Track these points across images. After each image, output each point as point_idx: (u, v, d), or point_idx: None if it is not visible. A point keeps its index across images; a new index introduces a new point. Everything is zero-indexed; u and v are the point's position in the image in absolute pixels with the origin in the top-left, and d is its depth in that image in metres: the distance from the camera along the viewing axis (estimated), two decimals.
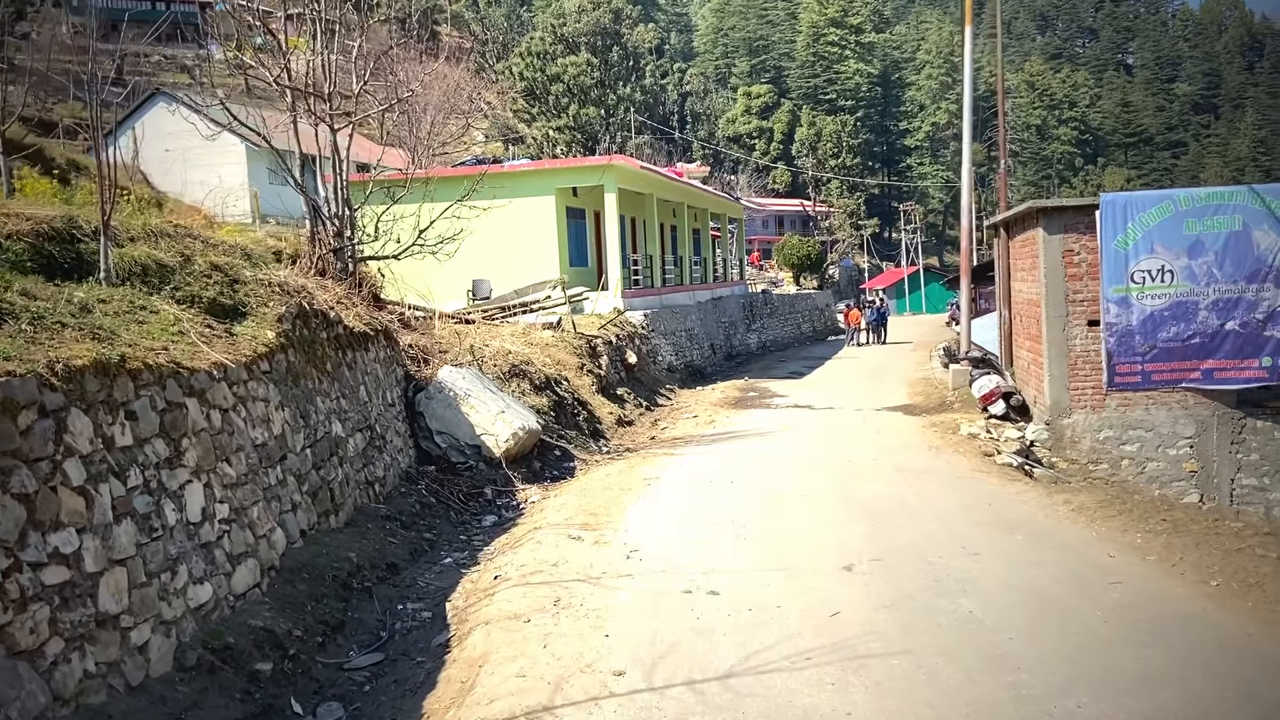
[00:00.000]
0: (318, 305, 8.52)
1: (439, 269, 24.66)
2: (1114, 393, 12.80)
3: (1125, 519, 7.54)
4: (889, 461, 10.80)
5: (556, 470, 12.01)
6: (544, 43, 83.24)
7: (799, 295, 44.20)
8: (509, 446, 11.22)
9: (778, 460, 11.31)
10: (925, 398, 17.76)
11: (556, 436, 13.26)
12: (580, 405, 15.33)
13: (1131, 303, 12.58)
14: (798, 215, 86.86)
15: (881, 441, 12.60)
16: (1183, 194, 12.50)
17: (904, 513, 8.03)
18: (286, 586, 5.79)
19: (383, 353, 10.75)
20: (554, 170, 24.31)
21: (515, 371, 14.08)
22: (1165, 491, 12.71)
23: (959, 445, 12.19)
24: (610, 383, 18.41)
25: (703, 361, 27.68)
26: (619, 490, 9.69)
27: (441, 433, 11.22)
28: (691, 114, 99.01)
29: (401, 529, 7.98)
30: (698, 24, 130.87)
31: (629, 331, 21.90)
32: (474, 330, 16.62)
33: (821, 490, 9.23)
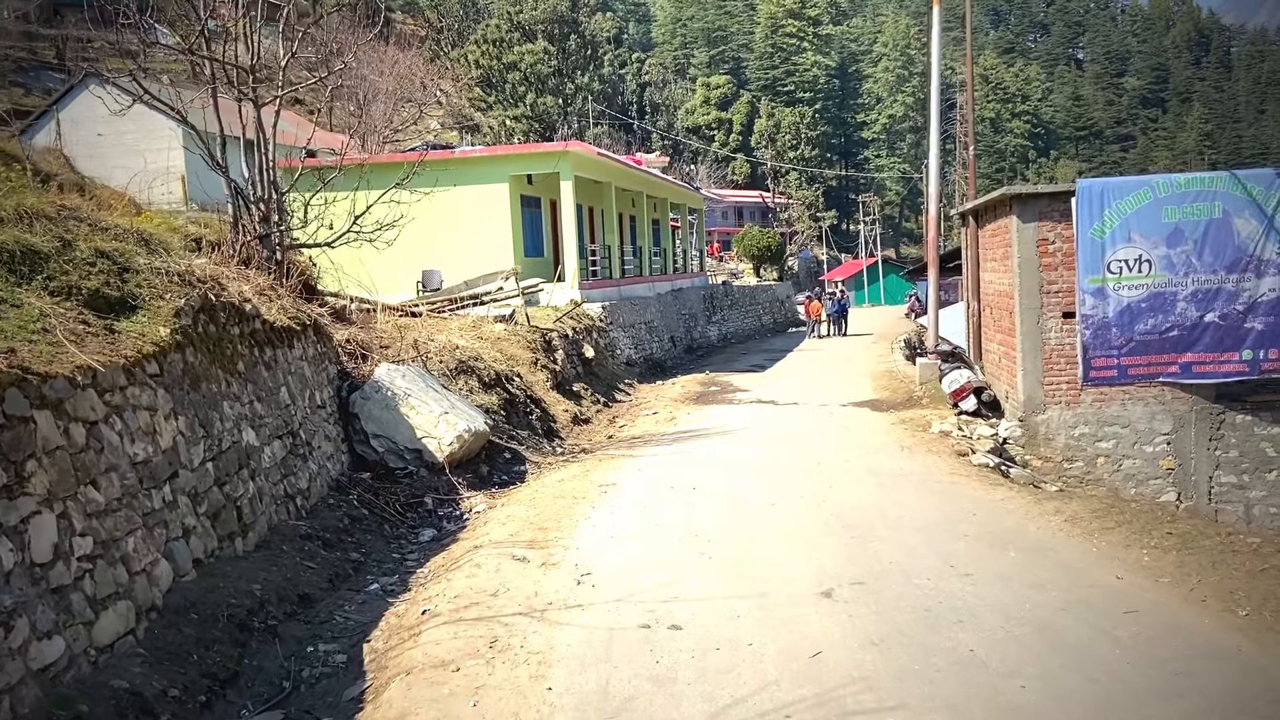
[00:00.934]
0: (228, 297, 7.57)
1: (388, 259, 23.62)
2: (1089, 388, 12.26)
3: (1125, 531, 6.91)
4: (861, 463, 10.12)
5: (506, 475, 11.16)
6: (500, 30, 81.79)
7: (759, 287, 43.65)
8: (453, 450, 10.35)
9: (743, 463, 10.57)
10: (891, 392, 17.16)
11: (507, 438, 12.40)
12: (533, 403, 14.47)
13: (1108, 294, 12.04)
14: (757, 207, 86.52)
15: (851, 440, 11.92)
16: (1161, 180, 11.97)
17: (883, 524, 7.33)
18: (169, 631, 4.88)
19: (312, 349, 9.80)
20: (508, 156, 23.34)
21: (463, 368, 13.17)
22: (1142, 490, 12.22)
23: (932, 444, 11.55)
24: (566, 378, 17.57)
25: (663, 355, 26.93)
26: (572, 499, 8.88)
27: (378, 436, 10.31)
28: (650, 104, 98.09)
29: (323, 549, 7.08)
30: (656, 14, 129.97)
31: (586, 324, 21.06)
32: (420, 324, 15.67)
33: (792, 497, 8.51)
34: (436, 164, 23.42)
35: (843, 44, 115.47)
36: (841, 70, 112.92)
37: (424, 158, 13.01)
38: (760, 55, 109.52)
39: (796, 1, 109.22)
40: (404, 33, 73.11)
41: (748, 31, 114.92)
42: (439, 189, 23.26)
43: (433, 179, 23.39)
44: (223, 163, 10.59)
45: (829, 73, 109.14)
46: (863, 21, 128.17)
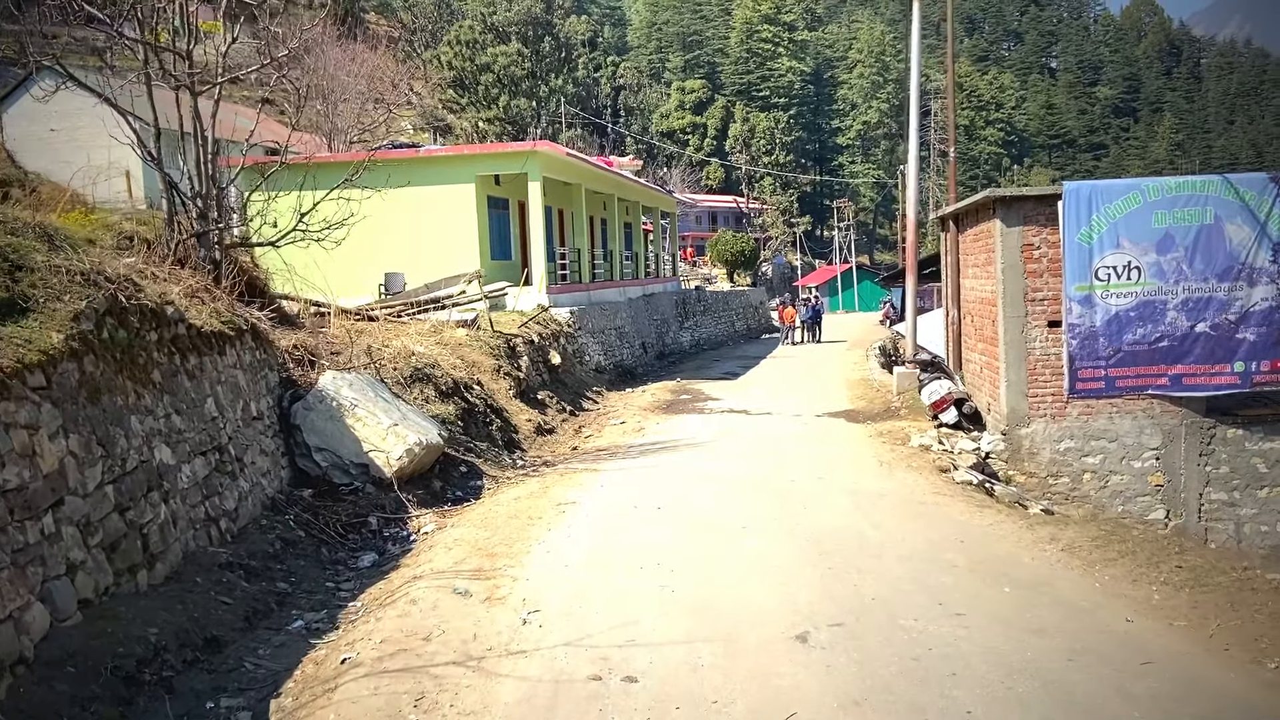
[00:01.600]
0: (145, 299, 6.82)
1: (350, 262, 22.80)
2: (1076, 400, 11.76)
3: (1130, 564, 6.34)
4: (837, 481, 9.52)
5: (461, 490, 10.45)
6: (473, 31, 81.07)
7: (733, 292, 43.16)
8: (402, 465, 9.63)
9: (712, 479, 9.94)
10: (868, 402, 16.62)
11: (463, 450, 11.69)
12: (494, 412, 13.77)
13: (1095, 302, 11.55)
14: (731, 212, 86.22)
15: (826, 455, 11.33)
16: (1151, 183, 11.51)
17: (863, 553, 6.72)
18: (39, 689, 4.16)
19: (249, 356, 9.05)
20: (474, 156, 22.61)
21: (418, 375, 12.45)
22: (1129, 507, 11.74)
23: (911, 459, 10.99)
24: (531, 386, 16.88)
25: (633, 361, 26.28)
26: (527, 520, 8.20)
27: (322, 449, 9.57)
28: (625, 108, 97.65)
29: (245, 580, 6.34)
30: (631, 18, 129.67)
31: (553, 330, 20.38)
32: (377, 329, 14.92)
33: (763, 520, 7.89)
34: (399, 163, 22.71)
35: (818, 50, 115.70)
36: (816, 76, 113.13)
37: (371, 157, 12.19)
38: (735, 60, 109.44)
39: (772, 7, 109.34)
40: (377, 33, 72.15)
41: (723, 36, 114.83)
42: (404, 189, 22.55)
43: (392, 177, 22.71)
44: (155, 153, 9.81)
45: (804, 78, 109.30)
46: (838, 28, 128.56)
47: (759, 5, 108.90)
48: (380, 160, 24.10)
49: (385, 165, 22.94)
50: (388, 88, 48.98)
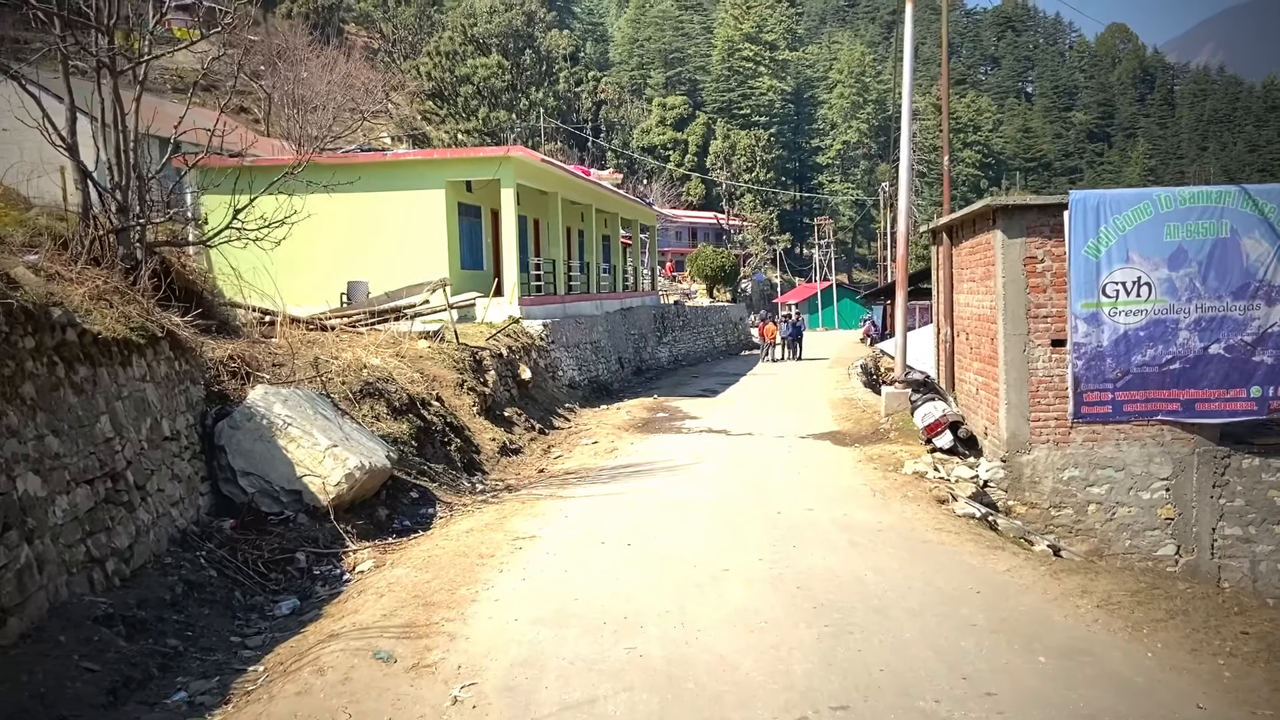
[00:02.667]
0: (20, 300, 5.75)
1: (311, 269, 21.73)
2: (1081, 425, 10.90)
3: (1184, 626, 5.40)
4: (829, 514, 8.55)
5: (409, 520, 9.39)
6: (454, 42, 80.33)
7: (713, 308, 42.29)
8: (340, 492, 8.57)
9: (689, 510, 8.95)
10: (854, 424, 15.71)
11: (416, 473, 10.63)
12: (454, 431, 12.71)
13: (1103, 320, 10.70)
14: (711, 228, 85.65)
15: (815, 482, 10.36)
16: (1163, 194, 10.70)
17: (865, 605, 5.75)
18: None
19: (163, 367, 7.96)
20: (445, 161, 21.61)
21: (370, 390, 11.39)
22: (1137, 542, 10.86)
23: (906, 488, 10.05)
24: (498, 402, 15.84)
25: (609, 376, 25.28)
26: (476, 559, 7.16)
27: (248, 474, 8.49)
28: (606, 123, 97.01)
29: (125, 638, 5.27)
30: (614, 35, 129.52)
31: (524, 343, 19.36)
32: (330, 339, 13.85)
33: (748, 560, 6.91)
34: (367, 167, 21.69)
35: (799, 70, 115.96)
36: (797, 95, 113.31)
37: (308, 159, 11.16)
38: (717, 78, 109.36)
39: (754, 26, 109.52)
40: (356, 44, 71.14)
41: (705, 54, 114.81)
42: (371, 194, 21.53)
43: (369, 184, 21.66)
44: (67, 139, 8.74)
45: (784, 97, 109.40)
46: (818, 49, 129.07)
47: (741, 24, 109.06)
48: (338, 163, 23.11)
49: (352, 169, 21.99)
50: (363, 95, 48.04)
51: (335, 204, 21.59)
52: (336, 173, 21.90)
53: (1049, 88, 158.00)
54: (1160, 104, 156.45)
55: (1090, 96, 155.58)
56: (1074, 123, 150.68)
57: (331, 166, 22.28)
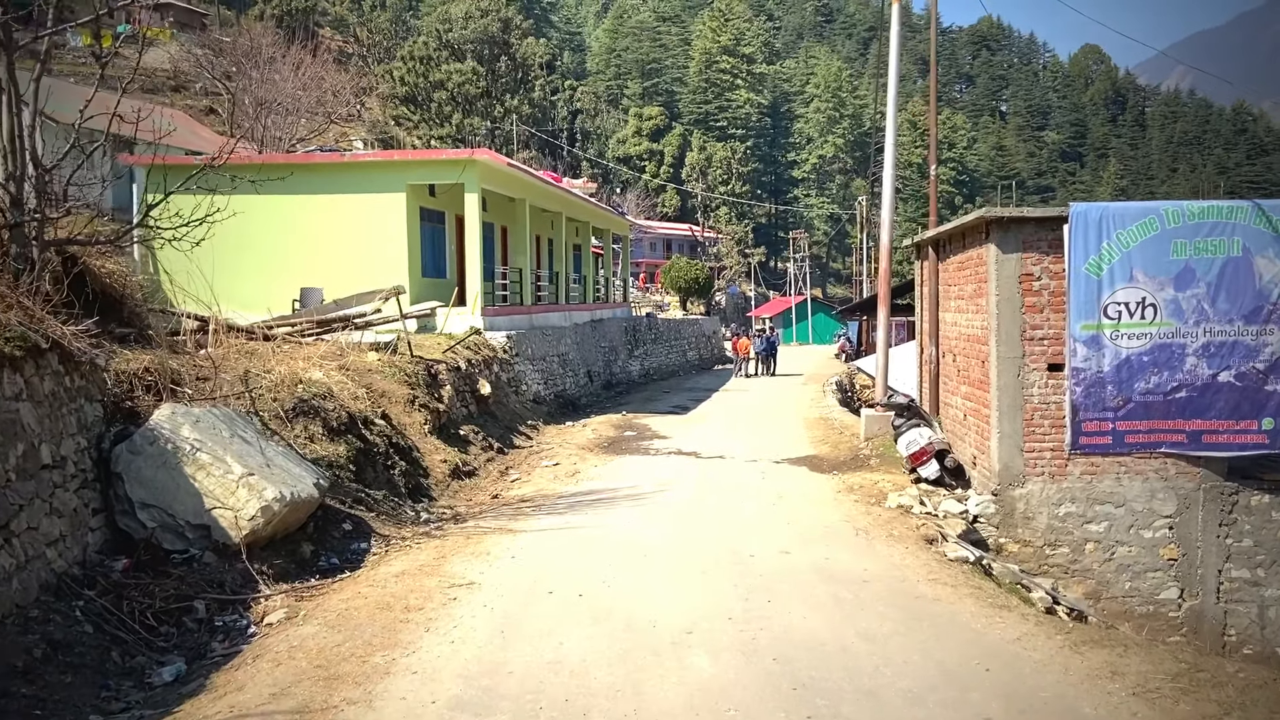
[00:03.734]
0: None
1: (263, 274, 20.58)
2: (1079, 457, 10.08)
3: None
4: (808, 558, 7.63)
5: (338, 556, 8.35)
6: (428, 47, 79.35)
7: (685, 320, 41.48)
8: (256, 527, 7.53)
9: (652, 550, 7.99)
10: (832, 447, 14.84)
11: (352, 501, 9.59)
12: (400, 453, 11.67)
13: (1104, 343, 9.90)
14: (686, 240, 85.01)
15: (791, 518, 9.44)
16: (1171, 207, 9.93)
17: (854, 688, 4.81)
18: None
19: (48, 383, 6.89)
20: (405, 163, 20.60)
21: (304, 409, 10.33)
22: (1138, 584, 10.04)
23: (892, 525, 9.16)
24: (453, 420, 14.82)
25: (577, 391, 24.31)
26: (402, 612, 6.16)
27: (150, 506, 7.42)
28: (582, 132, 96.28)
29: None
30: (591, 45, 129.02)
31: (486, 356, 18.35)
32: (270, 350, 12.76)
33: (715, 620, 5.96)
34: (322, 169, 20.62)
35: (775, 83, 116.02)
36: (774, 109, 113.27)
37: (218, 161, 10.09)
38: (694, 89, 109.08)
39: (731, 38, 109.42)
40: (329, 47, 69.91)
41: (682, 66, 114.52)
42: (326, 196, 20.46)
43: (325, 186, 20.57)
44: None
45: (761, 110, 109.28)
46: (795, 63, 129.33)
47: (718, 36, 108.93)
48: (291, 163, 21.99)
49: (306, 170, 20.91)
50: (329, 96, 46.83)
51: (291, 207, 20.57)
52: (287, 172, 20.91)
53: (1023, 107, 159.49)
54: (1132, 125, 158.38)
55: (1063, 116, 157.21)
56: (1047, 142, 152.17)
57: (283, 166, 21.21)
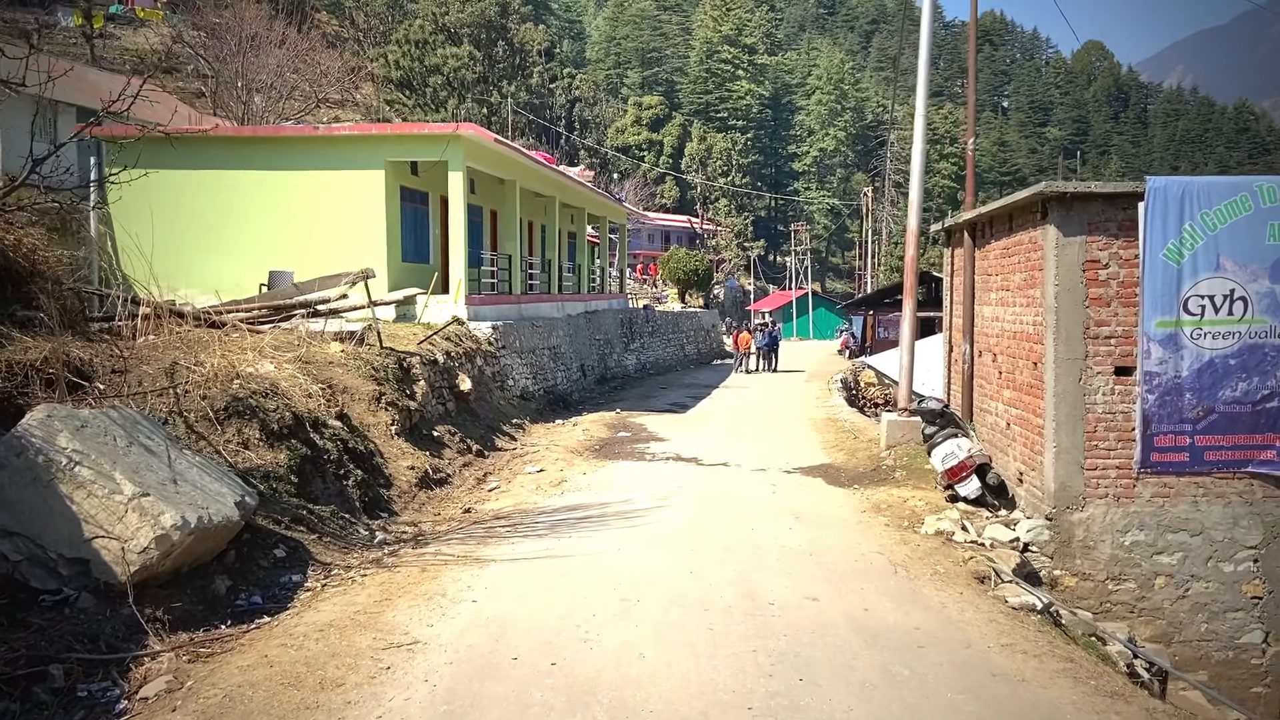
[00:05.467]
0: None
1: (230, 256, 18.97)
2: (1149, 476, 8.57)
3: None
4: (841, 607, 6.13)
5: (262, 593, 6.82)
6: (424, 31, 77.65)
7: (684, 313, 39.93)
8: (150, 560, 5.99)
9: (647, 593, 6.47)
10: (849, 455, 13.33)
11: (290, 520, 8.04)
12: (356, 459, 10.13)
13: (1183, 343, 8.38)
14: (684, 231, 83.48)
15: (814, 548, 7.91)
16: (1267, 183, 8.39)
17: None
18: None
19: None
20: (384, 137, 18.99)
21: (239, 408, 8.78)
22: (1215, 626, 8.53)
23: (935, 559, 7.64)
24: (427, 419, 13.29)
25: (569, 386, 22.78)
26: (315, 689, 4.64)
27: (12, 534, 5.87)
28: (580, 120, 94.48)
29: None
30: (591, 33, 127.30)
31: (468, 348, 16.82)
32: (216, 339, 11.20)
33: (730, 714, 4.44)
34: (293, 142, 19.01)
35: (777, 75, 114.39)
36: (775, 101, 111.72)
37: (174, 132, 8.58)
38: (694, 79, 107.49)
39: (733, 28, 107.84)
40: (326, 32, 68.19)
41: (682, 55, 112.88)
42: (299, 173, 18.86)
43: (296, 162, 18.97)
44: None
45: (762, 102, 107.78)
46: (796, 55, 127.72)
47: (720, 26, 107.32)
48: (258, 136, 20.38)
49: (273, 144, 19.34)
50: (320, 78, 45.17)
51: (262, 184, 18.98)
52: (255, 145, 19.30)
53: (1025, 102, 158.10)
54: (1134, 122, 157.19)
55: (1065, 112, 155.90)
56: (1049, 138, 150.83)
57: (251, 139, 19.62)
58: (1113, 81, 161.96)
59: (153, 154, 19.53)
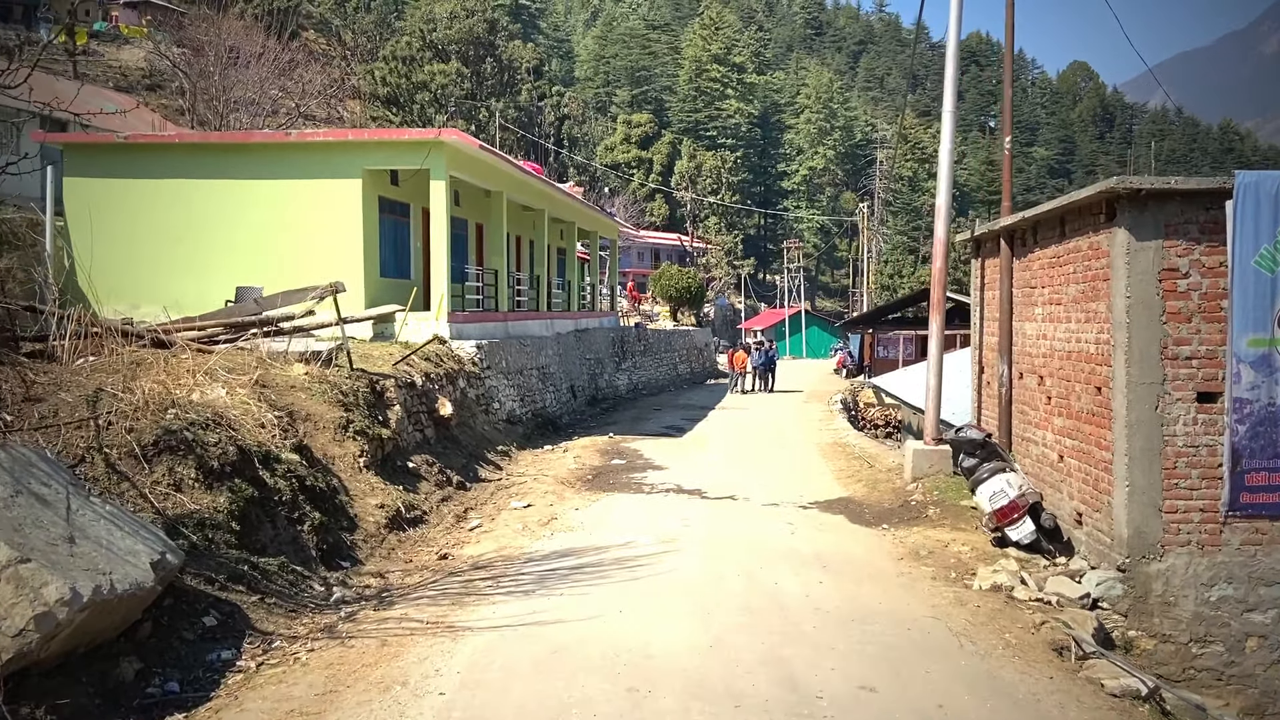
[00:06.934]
0: None
1: (196, 270, 17.62)
2: (1238, 520, 7.35)
3: None
4: (906, 701, 4.83)
5: (181, 677, 5.50)
6: (411, 48, 76.77)
7: (676, 332, 38.74)
8: (27, 646, 4.68)
9: (658, 677, 5.19)
10: (868, 487, 12.08)
11: (228, 578, 6.71)
12: (315, 499, 8.79)
13: (1278, 365, 7.18)
14: (674, 249, 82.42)
15: (852, 607, 6.64)
16: None
17: None
18: None
19: None
20: (362, 144, 17.75)
21: (171, 443, 7.45)
22: None
23: (1000, 623, 6.39)
24: (402, 448, 11.99)
25: (559, 408, 21.49)
26: None
27: None
28: (569, 138, 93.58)
29: None
30: (579, 52, 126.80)
31: (450, 369, 15.54)
32: (161, 360, 9.89)
33: None
34: (264, 149, 17.74)
35: (766, 94, 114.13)
36: (764, 119, 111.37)
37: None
38: (684, 98, 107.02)
39: (722, 47, 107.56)
40: (314, 50, 67.14)
41: (672, 74, 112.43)
42: (269, 182, 17.59)
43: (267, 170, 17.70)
44: None
45: (751, 120, 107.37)
46: (785, 75, 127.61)
47: (709, 45, 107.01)
48: (227, 143, 19.10)
49: (246, 151, 18.09)
50: (299, 90, 44.03)
51: (231, 194, 17.68)
52: (223, 152, 18.02)
53: (1012, 122, 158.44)
54: (1119, 142, 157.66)
55: (1052, 132, 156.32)
56: (1035, 158, 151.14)
57: (217, 147, 18.33)
58: (1098, 102, 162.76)
59: (115, 163, 18.37)
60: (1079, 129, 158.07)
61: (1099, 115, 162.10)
